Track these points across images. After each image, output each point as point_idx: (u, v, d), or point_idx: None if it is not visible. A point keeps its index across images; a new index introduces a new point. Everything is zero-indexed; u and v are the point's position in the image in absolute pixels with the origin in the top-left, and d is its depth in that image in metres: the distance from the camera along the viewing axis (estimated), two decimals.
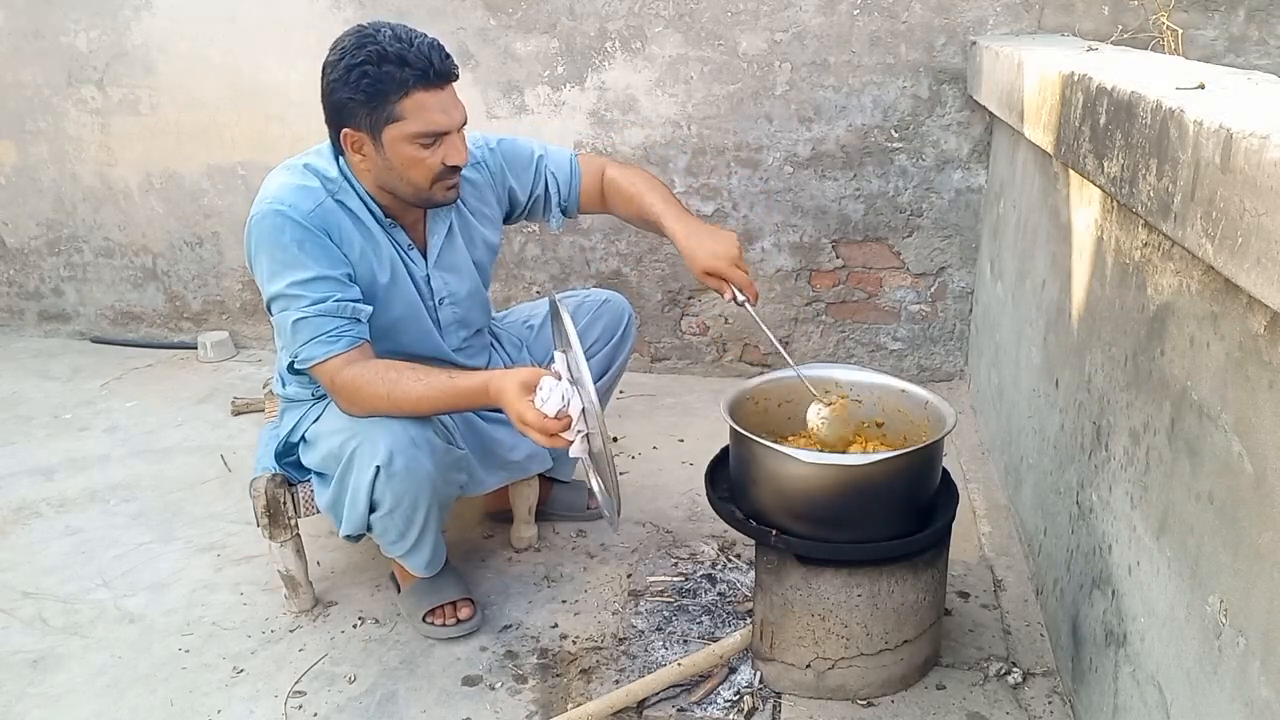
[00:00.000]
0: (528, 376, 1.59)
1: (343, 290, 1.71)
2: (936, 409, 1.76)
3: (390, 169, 1.70)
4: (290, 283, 1.68)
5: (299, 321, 1.69)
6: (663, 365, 3.29)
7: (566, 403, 1.54)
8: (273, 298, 1.71)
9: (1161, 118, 1.13)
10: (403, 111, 1.63)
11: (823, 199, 3.00)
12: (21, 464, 2.71)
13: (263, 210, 1.70)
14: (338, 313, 1.69)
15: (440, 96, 1.65)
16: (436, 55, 1.63)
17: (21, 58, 3.34)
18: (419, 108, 1.63)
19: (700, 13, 2.87)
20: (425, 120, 1.64)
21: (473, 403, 1.70)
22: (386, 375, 1.69)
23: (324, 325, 1.68)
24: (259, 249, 1.71)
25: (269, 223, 1.68)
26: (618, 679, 1.78)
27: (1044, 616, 1.92)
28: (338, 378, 1.69)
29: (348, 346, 1.70)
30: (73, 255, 3.59)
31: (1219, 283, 1.09)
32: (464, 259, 1.94)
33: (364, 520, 1.77)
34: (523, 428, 1.57)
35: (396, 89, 1.61)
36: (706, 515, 2.21)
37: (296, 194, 1.70)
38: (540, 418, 1.53)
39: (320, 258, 1.69)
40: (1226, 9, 2.63)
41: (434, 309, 1.91)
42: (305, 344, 1.69)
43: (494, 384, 1.63)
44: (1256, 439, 1.00)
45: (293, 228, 1.68)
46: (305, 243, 1.68)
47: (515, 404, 1.57)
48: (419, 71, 1.61)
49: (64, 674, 1.85)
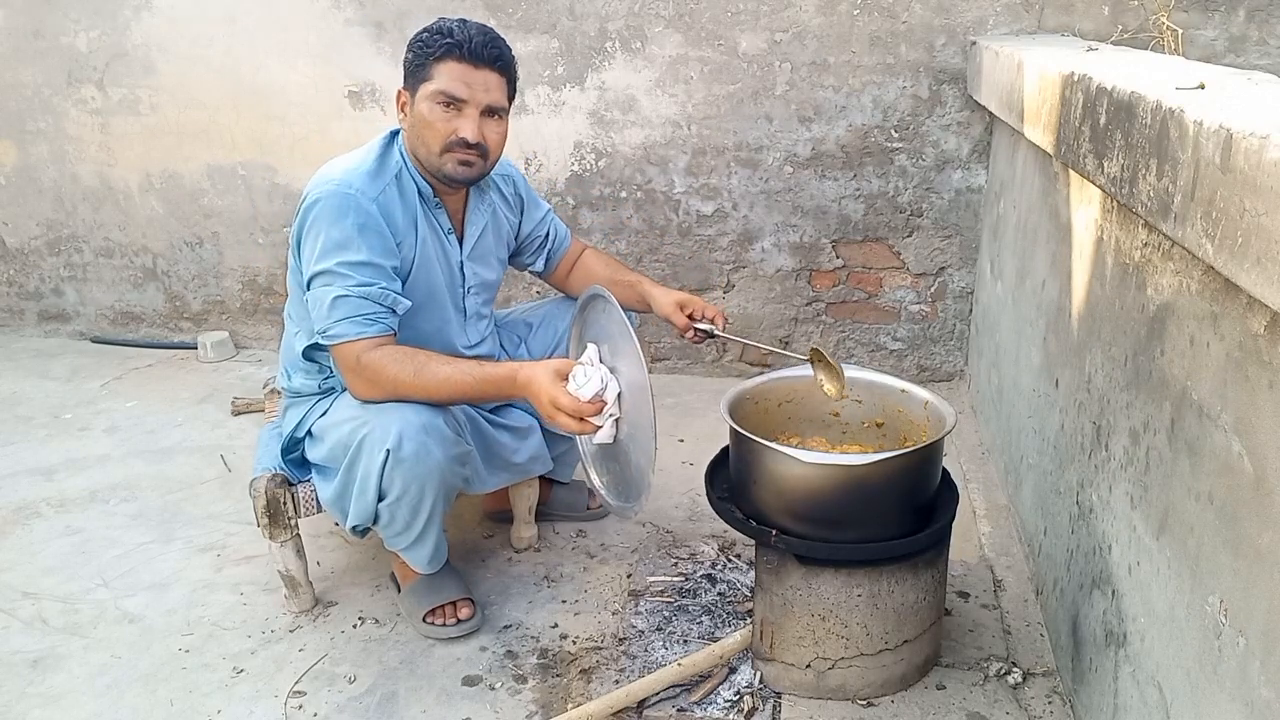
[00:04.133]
0: (560, 365, 1.68)
1: (388, 280, 1.75)
2: (936, 409, 1.76)
3: (414, 128, 1.78)
4: (340, 261, 1.72)
5: (340, 298, 1.72)
6: (663, 365, 3.29)
7: (604, 386, 1.63)
8: (318, 273, 1.74)
9: (1161, 118, 1.13)
10: (434, 73, 1.74)
11: (823, 199, 3.00)
12: (21, 464, 2.71)
13: (330, 190, 1.74)
14: (379, 299, 1.73)
15: (472, 72, 1.74)
16: (480, 37, 1.75)
17: (21, 58, 3.34)
18: (447, 72, 1.74)
19: (700, 13, 2.88)
20: (447, 83, 1.73)
21: (500, 390, 1.74)
22: (415, 357, 1.73)
23: (362, 307, 1.72)
24: (316, 225, 1.74)
25: (335, 203, 1.73)
26: (618, 679, 1.78)
27: (1044, 616, 1.92)
28: (364, 357, 1.72)
29: (379, 333, 1.73)
30: (73, 255, 3.59)
31: (1219, 283, 1.09)
32: (493, 254, 2.02)
33: (372, 509, 1.78)
34: (553, 412, 1.64)
35: (435, 52, 1.73)
36: (706, 515, 2.21)
37: (365, 180, 1.76)
38: (574, 401, 1.62)
39: (375, 245, 1.74)
40: (1226, 9, 2.63)
41: (462, 297, 1.95)
42: (340, 321, 1.72)
43: (524, 372, 1.69)
44: (1256, 439, 1.00)
45: (357, 211, 1.73)
46: (365, 228, 1.73)
47: (549, 389, 1.64)
48: (456, 42, 1.73)
49: (64, 674, 1.85)
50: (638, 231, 3.13)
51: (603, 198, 3.12)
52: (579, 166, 3.11)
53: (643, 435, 1.66)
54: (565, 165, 3.11)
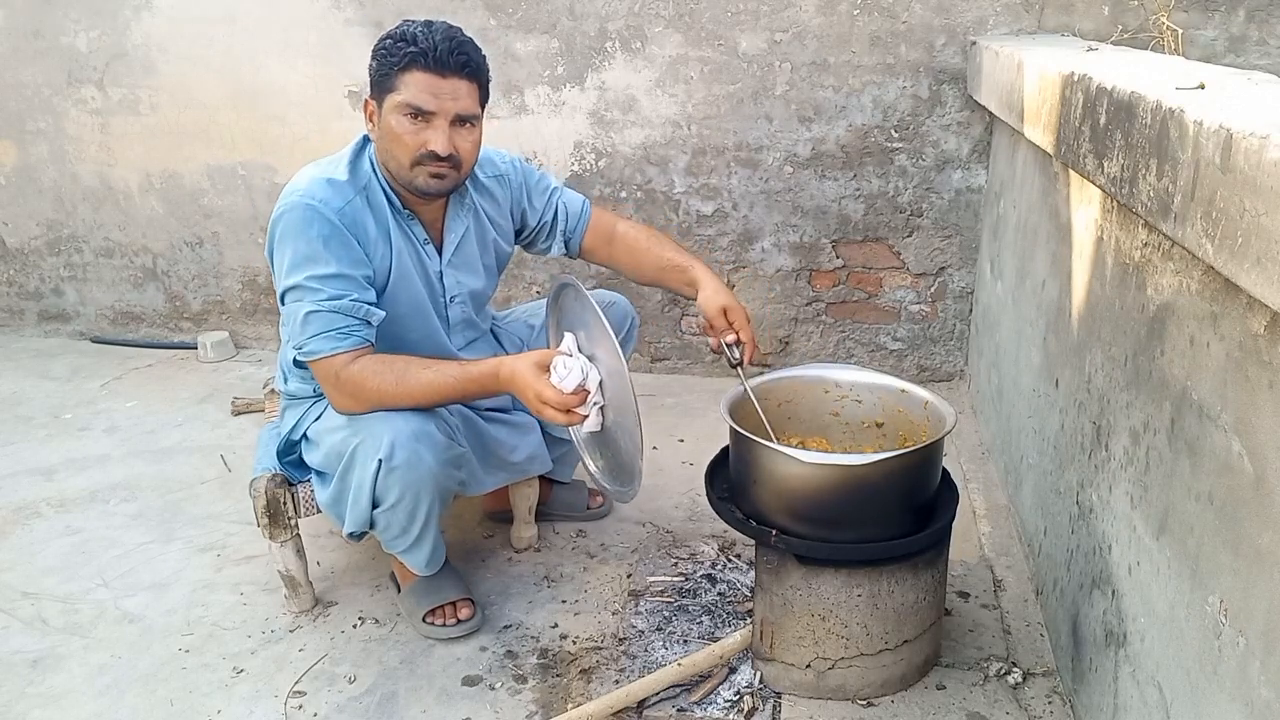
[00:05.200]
0: (540, 357, 1.66)
1: (359, 291, 1.73)
2: (936, 409, 1.76)
3: (382, 139, 1.75)
4: (309, 275, 1.70)
5: (312, 314, 1.70)
6: (663, 365, 3.29)
7: (585, 376, 1.62)
8: (289, 288, 1.72)
9: (1161, 118, 1.13)
10: (399, 83, 1.69)
11: (823, 199, 3.00)
12: (21, 464, 2.71)
13: (293, 202, 1.72)
14: (351, 311, 1.71)
15: (438, 82, 1.69)
16: (446, 44, 1.68)
17: (21, 58, 3.34)
18: (413, 82, 1.68)
19: (700, 13, 2.87)
20: (413, 94, 1.68)
21: (484, 388, 1.73)
22: (394, 365, 1.71)
23: (335, 321, 1.70)
24: (283, 239, 1.72)
25: (298, 215, 1.71)
26: (618, 679, 1.78)
27: (1044, 616, 1.92)
28: (343, 373, 1.70)
29: (354, 346, 1.71)
30: (73, 255, 3.59)
31: (1219, 283, 1.09)
32: (477, 261, 1.98)
33: (367, 517, 1.78)
34: (539, 406, 1.63)
35: (399, 62, 1.68)
36: (706, 515, 2.21)
37: (328, 190, 1.74)
38: (559, 394, 1.60)
39: (343, 256, 1.71)
40: (1226, 9, 2.63)
41: (444, 306, 1.93)
42: (313, 337, 1.70)
43: (505, 367, 1.68)
44: (1256, 439, 1.00)
45: (321, 223, 1.70)
46: (331, 239, 1.70)
47: (533, 383, 1.62)
48: (420, 51, 1.67)
49: (64, 674, 1.85)
50: None
51: (603, 198, 3.12)
52: (579, 166, 3.10)
53: (628, 420, 1.65)
54: (565, 165, 3.11)
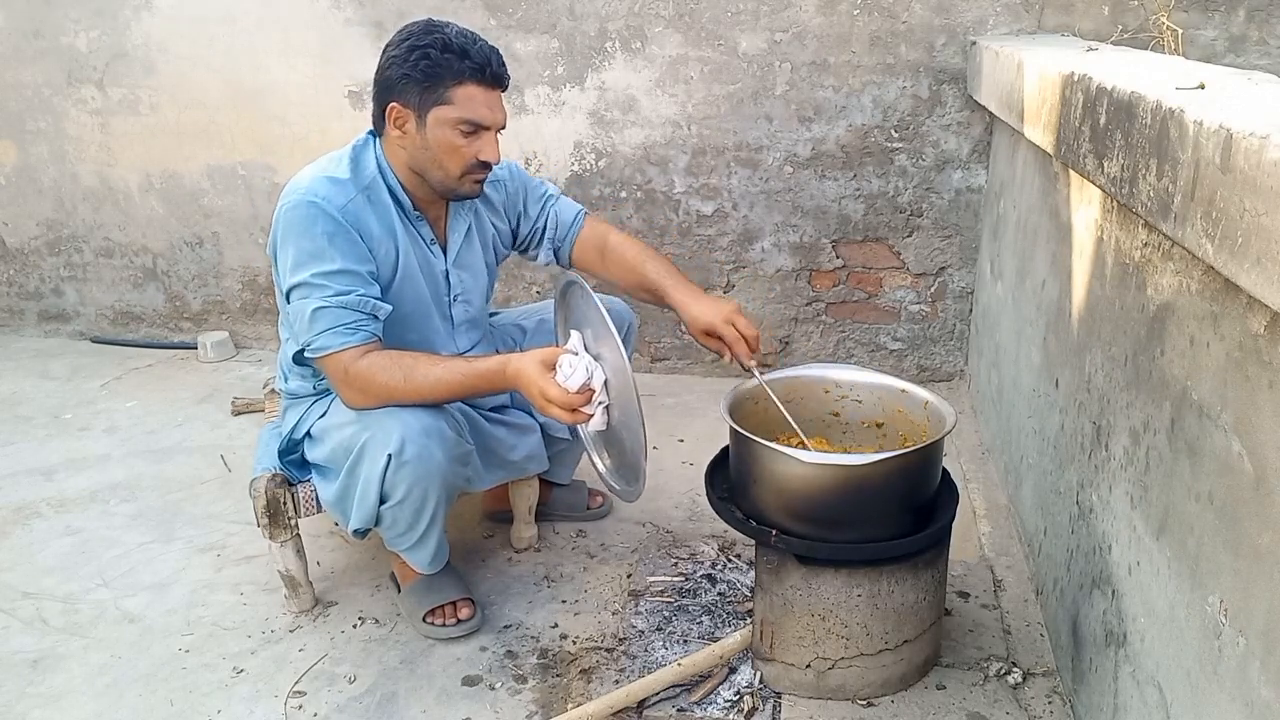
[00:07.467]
0: (546, 355, 1.66)
1: (365, 286, 1.74)
2: (936, 409, 1.76)
3: (426, 150, 1.76)
4: (315, 273, 1.70)
5: (319, 310, 1.70)
6: (663, 365, 3.29)
7: (590, 375, 1.61)
8: (294, 286, 1.73)
9: (1161, 118, 1.13)
10: (453, 97, 1.72)
11: (823, 199, 3.00)
12: (21, 464, 2.71)
13: (296, 200, 1.72)
14: (358, 306, 1.72)
15: (489, 95, 1.75)
16: (495, 59, 1.75)
17: (21, 58, 3.34)
18: (469, 98, 1.72)
19: (700, 13, 2.87)
20: (471, 110, 1.73)
21: (491, 384, 1.73)
22: (402, 361, 1.72)
23: (343, 316, 1.71)
24: (287, 236, 1.73)
25: (302, 213, 1.71)
26: (618, 679, 1.78)
27: (1044, 616, 1.92)
28: (351, 368, 1.71)
29: (363, 340, 1.72)
30: (73, 255, 3.59)
31: (1219, 283, 1.09)
32: (479, 259, 1.99)
33: (374, 512, 1.78)
34: (545, 405, 1.63)
35: (453, 76, 1.70)
36: (706, 515, 2.21)
37: (331, 187, 1.74)
38: (564, 393, 1.60)
39: (348, 252, 1.72)
40: (1226, 9, 2.63)
41: (449, 305, 1.94)
42: (322, 333, 1.71)
43: (512, 365, 1.68)
44: (1256, 439, 1.00)
45: (325, 220, 1.71)
46: (335, 236, 1.71)
47: (538, 381, 1.63)
48: (476, 66, 1.71)
49: (64, 674, 1.85)
50: (638, 231, 3.12)
51: (603, 198, 3.12)
52: (579, 166, 3.10)
53: (633, 420, 1.65)
54: (565, 165, 3.11)
